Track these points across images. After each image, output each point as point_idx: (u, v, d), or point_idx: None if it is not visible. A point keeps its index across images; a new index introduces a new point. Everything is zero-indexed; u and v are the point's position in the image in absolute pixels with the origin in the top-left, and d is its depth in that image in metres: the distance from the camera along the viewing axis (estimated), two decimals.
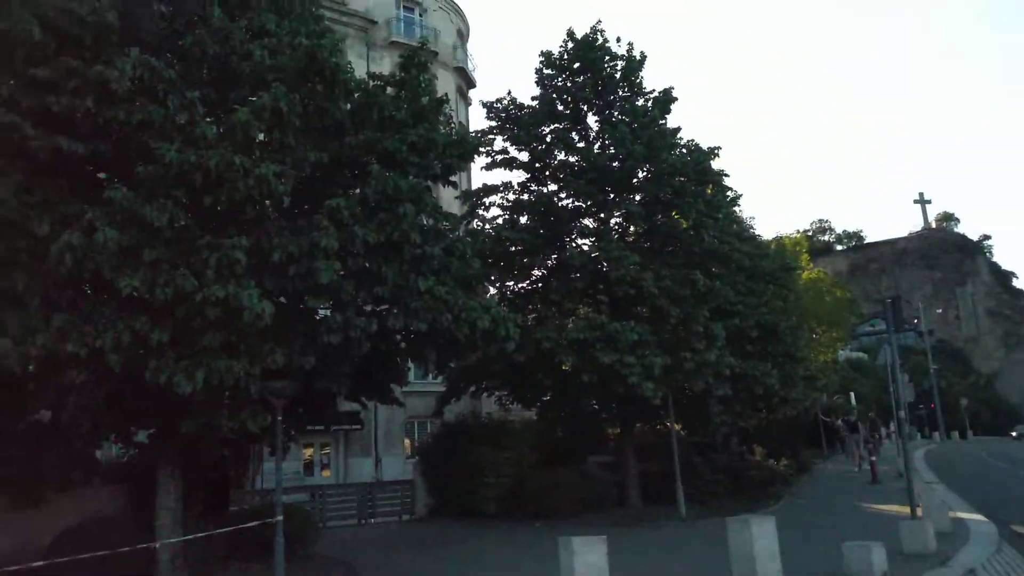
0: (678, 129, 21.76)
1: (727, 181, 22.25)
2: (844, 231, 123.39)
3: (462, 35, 36.08)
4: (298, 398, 11.80)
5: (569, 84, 21.88)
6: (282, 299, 10.73)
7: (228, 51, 10.80)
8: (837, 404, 43.94)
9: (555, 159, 21.71)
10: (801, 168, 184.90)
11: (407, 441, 28.71)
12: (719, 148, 21.40)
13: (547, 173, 21.92)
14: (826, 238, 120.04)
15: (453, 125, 14.39)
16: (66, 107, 9.26)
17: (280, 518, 11.03)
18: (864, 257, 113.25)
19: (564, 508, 18.92)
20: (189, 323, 9.27)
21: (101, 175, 11.05)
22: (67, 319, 8.65)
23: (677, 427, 21.15)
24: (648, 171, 20.95)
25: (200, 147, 9.45)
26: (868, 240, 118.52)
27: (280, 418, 10.99)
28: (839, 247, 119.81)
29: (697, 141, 21.86)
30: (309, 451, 26.86)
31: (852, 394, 44.56)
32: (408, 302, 10.85)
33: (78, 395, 9.41)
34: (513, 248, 20.39)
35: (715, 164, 21.43)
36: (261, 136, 10.34)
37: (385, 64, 30.15)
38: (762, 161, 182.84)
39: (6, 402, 10.55)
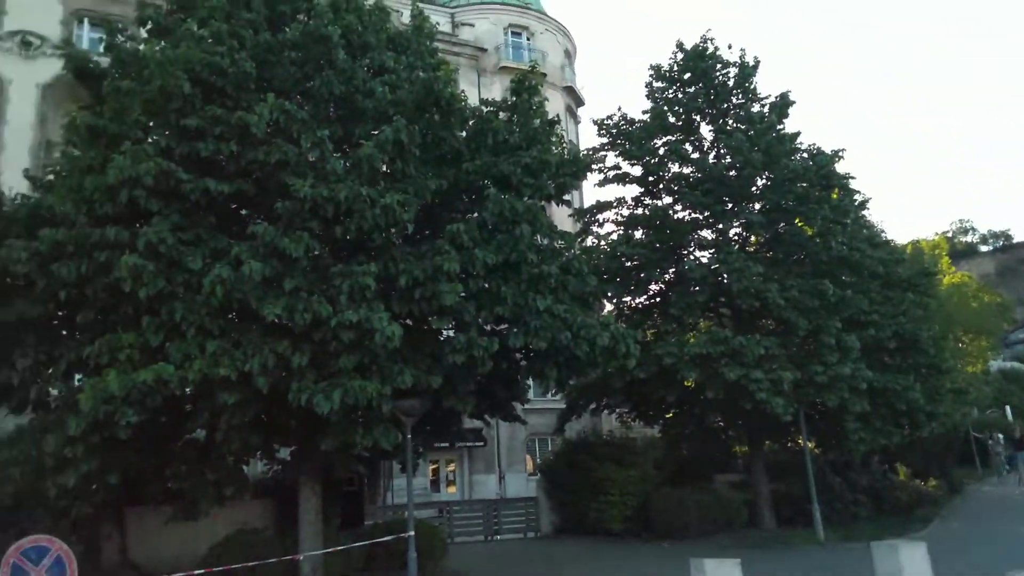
0: (797, 134, 20.98)
1: (853, 184, 21.16)
2: (989, 231, 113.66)
3: (569, 55, 36.39)
4: (426, 416, 12.24)
5: (680, 95, 21.60)
6: (409, 321, 11.19)
7: (352, 90, 11.47)
8: (990, 419, 40.38)
9: (669, 171, 21.43)
10: (935, 168, 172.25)
11: (529, 458, 28.91)
12: (843, 151, 20.43)
13: (661, 186, 21.66)
14: (969, 239, 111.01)
15: (565, 145, 14.56)
16: (213, 151, 10.14)
17: (412, 533, 11.44)
18: (1014, 258, 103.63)
19: (693, 528, 18.43)
20: (326, 346, 9.85)
21: (244, 212, 11.99)
22: (219, 345, 9.40)
23: (811, 445, 20.13)
24: (767, 178, 20.29)
25: (331, 181, 10.09)
26: (1017, 239, 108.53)
27: (410, 435, 11.44)
28: (984, 248, 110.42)
29: (819, 145, 20.98)
30: (434, 467, 27.59)
31: (1008, 408, 40.80)
32: (528, 321, 11.02)
33: (229, 415, 10.17)
34: (629, 263, 20.24)
35: (839, 167, 20.45)
36: (384, 167, 10.89)
37: (496, 89, 30.91)
38: (892, 162, 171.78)
39: (169, 423, 11.60)
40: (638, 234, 21.17)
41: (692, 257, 20.77)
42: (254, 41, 11.19)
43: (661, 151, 21.43)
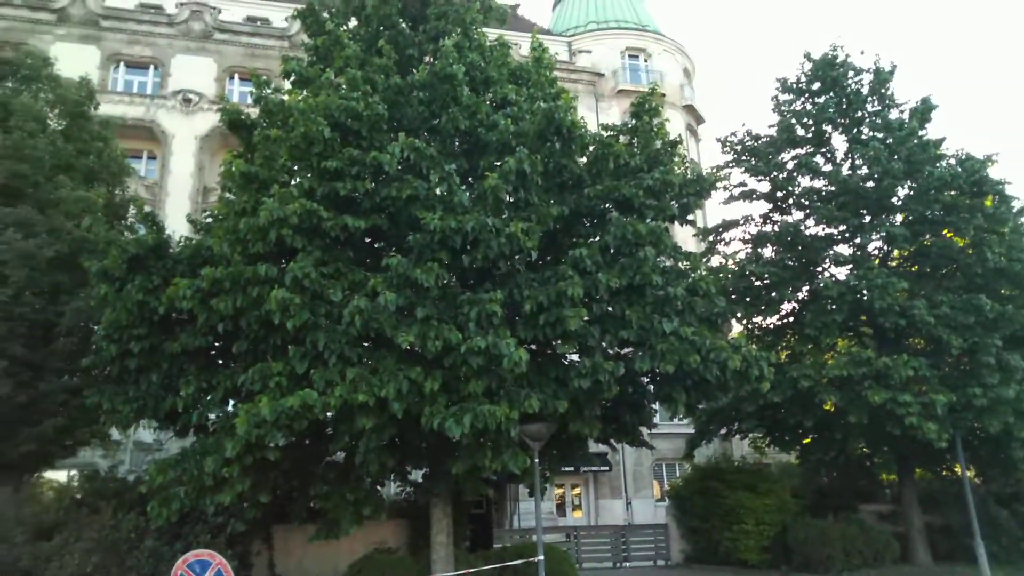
0: (942, 139, 19.58)
1: (1010, 190, 19.42)
2: None
3: (688, 73, 35.87)
4: (552, 440, 12.32)
5: (810, 106, 20.79)
6: (534, 346, 11.36)
7: (477, 124, 11.91)
8: None
9: (798, 186, 20.60)
10: None
11: (656, 484, 28.27)
12: (996, 154, 18.82)
13: (791, 201, 20.84)
14: None
15: (687, 164, 14.37)
16: (350, 190, 10.83)
17: (542, 557, 11.49)
18: None
19: (837, 561, 17.35)
20: (456, 372, 10.20)
21: (378, 245, 12.67)
22: (358, 372, 9.94)
23: (970, 473, 18.47)
24: (910, 188, 19.06)
25: (458, 213, 10.50)
26: None
27: (537, 460, 11.54)
28: None
29: (967, 150, 19.48)
30: (560, 491, 27.55)
31: None
32: (653, 344, 10.90)
33: (367, 439, 10.69)
34: (759, 282, 19.55)
35: (993, 172, 18.85)
36: (508, 197, 11.19)
37: (614, 112, 30.94)
38: None
39: (312, 446, 12.35)
40: (767, 252, 20.44)
41: (827, 274, 19.77)
42: (385, 85, 11.90)
43: (790, 165, 20.67)
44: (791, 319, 20.11)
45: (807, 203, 20.26)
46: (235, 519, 12.91)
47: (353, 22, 14.52)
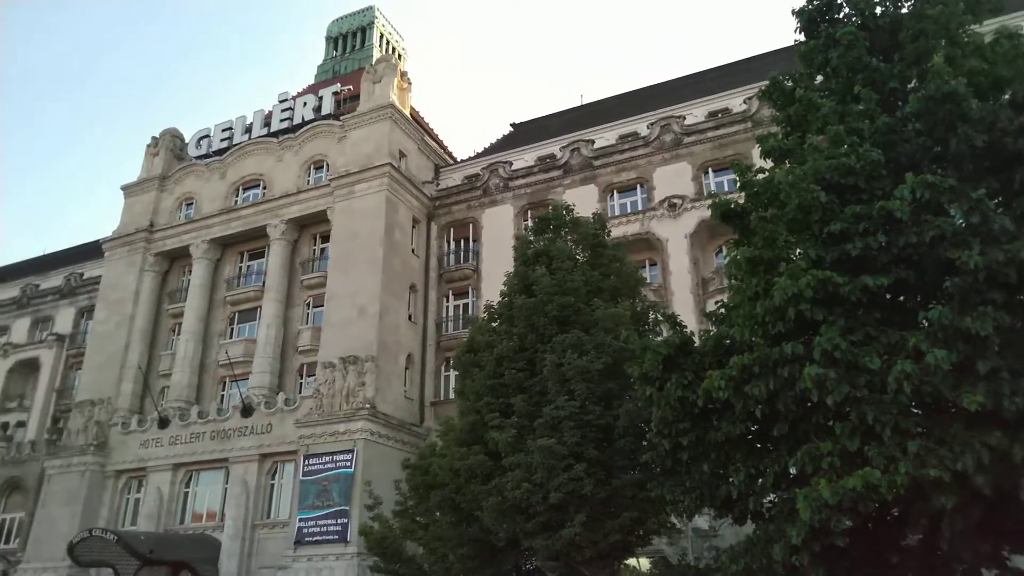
0: None
1: None
2: None
3: None
4: None
5: None
6: None
7: (998, 135, 10.11)
8: None
9: None
10: None
11: None
12: None
13: None
14: None
15: None
16: (862, 248, 10.12)
17: None
18: None
19: None
20: None
21: (902, 299, 11.43)
22: (922, 445, 8.85)
23: None
24: None
25: (1002, 242, 8.87)
26: None
27: None
28: None
29: None
30: None
31: None
32: None
33: (950, 520, 9.30)
34: None
35: None
36: None
37: None
38: None
39: (880, 529, 11.26)
40: None
41: None
42: (872, 129, 11.07)
43: None
44: None
45: None
46: None
47: (819, 78, 14.09)
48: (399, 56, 49.13)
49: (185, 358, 37.00)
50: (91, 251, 47.52)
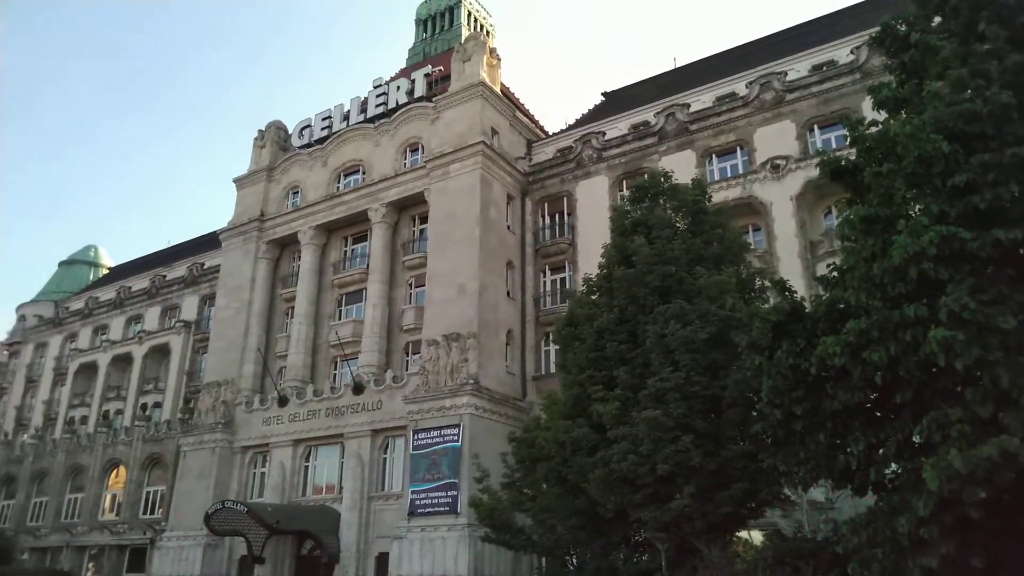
0: None
1: None
2: None
3: None
4: None
5: None
6: None
7: None
8: None
9: None
10: None
11: None
12: None
13: None
14: None
15: None
16: (991, 199, 9.36)
17: None
18: None
19: None
20: None
21: None
22: None
23: None
24: None
25: None
26: None
27: None
28: None
29: None
30: None
31: None
32: None
33: None
34: None
35: None
36: None
37: None
38: None
39: (1017, 504, 10.48)
40: None
41: None
42: (1001, 69, 10.15)
43: None
44: None
45: None
46: None
47: (937, 20, 13.04)
48: (487, 33, 49.08)
49: (299, 340, 38.89)
50: (209, 242, 50.61)
